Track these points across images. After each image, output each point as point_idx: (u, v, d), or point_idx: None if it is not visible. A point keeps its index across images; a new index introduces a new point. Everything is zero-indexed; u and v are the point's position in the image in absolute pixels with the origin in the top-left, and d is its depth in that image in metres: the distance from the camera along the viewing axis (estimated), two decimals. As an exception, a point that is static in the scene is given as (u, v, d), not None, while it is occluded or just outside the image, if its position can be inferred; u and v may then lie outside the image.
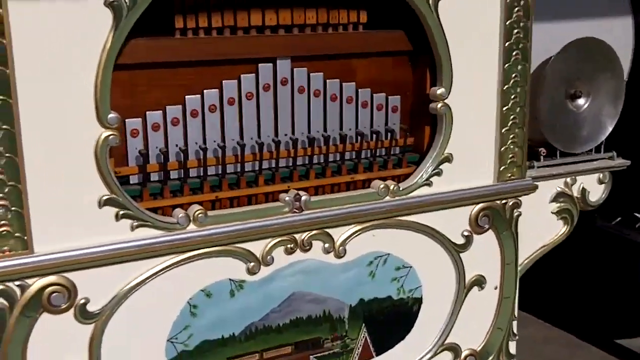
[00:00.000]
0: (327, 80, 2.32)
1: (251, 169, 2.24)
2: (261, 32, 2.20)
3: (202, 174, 2.18)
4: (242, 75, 2.19)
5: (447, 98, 2.38)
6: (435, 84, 2.38)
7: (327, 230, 2.27)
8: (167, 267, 2.06)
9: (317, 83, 2.30)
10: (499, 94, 2.46)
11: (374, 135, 2.39)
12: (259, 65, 2.21)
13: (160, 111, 2.11)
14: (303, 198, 2.23)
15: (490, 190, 2.52)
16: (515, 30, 2.43)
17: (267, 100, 2.24)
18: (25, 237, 1.88)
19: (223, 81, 2.17)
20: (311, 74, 2.29)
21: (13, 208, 1.85)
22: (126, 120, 2.07)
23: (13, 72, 1.79)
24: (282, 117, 2.27)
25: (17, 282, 1.89)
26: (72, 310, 1.97)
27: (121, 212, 1.98)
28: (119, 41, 1.89)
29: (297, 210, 2.22)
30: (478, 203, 2.52)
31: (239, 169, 2.21)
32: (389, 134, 2.41)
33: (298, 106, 2.29)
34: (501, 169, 2.52)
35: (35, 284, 1.91)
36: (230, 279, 2.17)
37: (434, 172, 2.41)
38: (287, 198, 2.21)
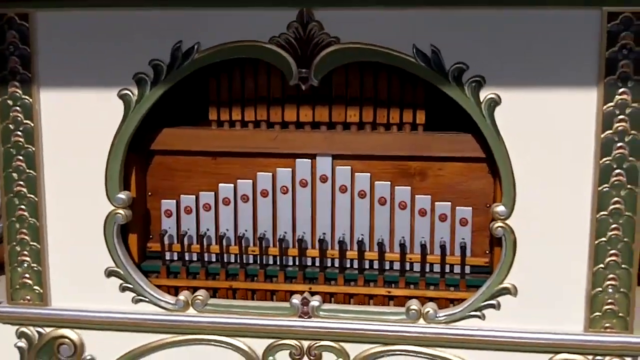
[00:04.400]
0: (376, 182, 2.13)
1: (276, 263, 2.20)
2: (301, 127, 2.15)
3: (225, 261, 2.21)
4: (278, 169, 2.16)
5: (507, 218, 1.98)
6: (512, 198, 2.02)
7: (341, 344, 2.09)
8: (166, 344, 2.15)
9: (362, 184, 2.14)
10: (591, 223, 1.95)
11: (424, 248, 2.11)
12: (297, 160, 2.15)
13: (194, 196, 2.21)
14: (311, 303, 2.09)
15: (574, 340, 2.00)
16: (618, 145, 1.91)
17: (303, 196, 2.16)
18: (42, 291, 2.17)
19: (258, 173, 2.17)
20: (356, 174, 2.14)
21: (33, 265, 2.16)
22: (162, 200, 2.22)
23: (40, 150, 2.11)
24: (319, 215, 2.17)
25: (36, 329, 2.20)
26: (79, 365, 2.21)
27: (124, 285, 2.15)
28: (128, 129, 2.06)
29: (303, 316, 2.09)
30: (557, 352, 2.02)
31: (264, 261, 2.20)
32: (443, 249, 2.10)
33: (339, 206, 2.15)
34: (593, 315, 1.99)
35: (49, 333, 2.19)
36: (231, 372, 2.16)
37: (487, 303, 2.02)
38: (294, 301, 2.10)
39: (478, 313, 2.04)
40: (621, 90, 1.89)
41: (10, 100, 2.09)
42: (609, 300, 1.98)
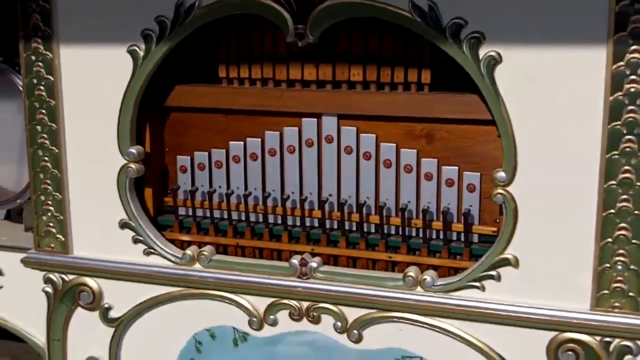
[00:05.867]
0: (381, 144, 2.05)
1: (277, 222, 2.19)
2: (307, 86, 2.10)
3: (234, 218, 2.22)
4: (285, 128, 2.13)
5: (507, 185, 1.85)
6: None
7: (340, 307, 2.05)
8: (175, 297, 2.19)
9: (367, 145, 2.06)
10: (599, 193, 1.79)
11: (427, 214, 2.02)
12: (303, 119, 2.11)
13: (206, 152, 2.22)
14: (310, 264, 2.06)
15: (580, 319, 1.85)
16: (629, 108, 1.73)
17: (310, 156, 2.12)
18: (64, 239, 2.27)
19: (266, 131, 2.15)
20: (361, 135, 2.06)
21: (56, 214, 2.26)
22: (177, 156, 2.25)
23: (60, 104, 2.19)
24: (325, 176, 2.12)
25: (60, 275, 2.30)
26: (98, 312, 2.29)
27: (136, 237, 2.20)
28: (137, 85, 2.10)
29: (302, 276, 2.06)
30: (562, 331, 1.88)
31: (271, 220, 2.19)
32: (447, 216, 2.00)
33: (344, 167, 2.10)
34: (600, 293, 1.83)
35: (72, 280, 2.29)
36: (234, 328, 2.16)
37: (487, 274, 1.91)
38: (293, 261, 2.07)
39: (477, 284, 1.93)
40: (633, 48, 1.70)
41: (34, 55, 2.18)
42: (618, 278, 1.81)
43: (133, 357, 2.30)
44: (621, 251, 1.80)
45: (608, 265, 1.82)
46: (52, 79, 2.18)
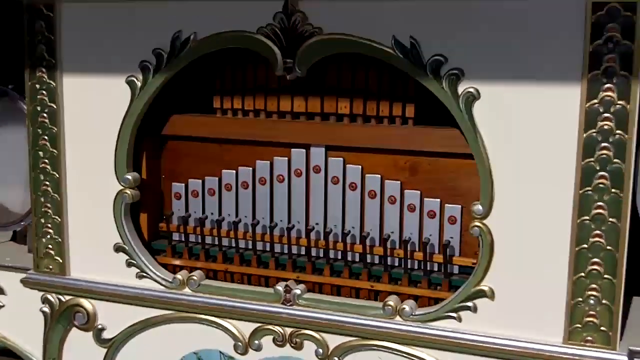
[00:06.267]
0: (366, 175, 2.11)
1: (265, 249, 2.24)
2: (297, 117, 2.17)
3: (224, 244, 2.28)
4: (275, 158, 2.20)
5: (484, 218, 1.89)
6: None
7: (322, 334, 2.09)
8: (164, 319, 2.26)
9: (353, 176, 2.12)
10: (572, 228, 1.82)
11: (408, 244, 2.06)
12: (292, 150, 2.17)
13: (200, 180, 2.29)
14: (293, 291, 2.11)
15: (553, 352, 1.88)
16: (602, 145, 1.77)
17: (298, 185, 2.18)
18: (62, 261, 2.35)
19: (257, 161, 2.22)
20: (348, 166, 2.12)
21: (55, 236, 2.34)
22: (173, 183, 2.32)
23: (62, 131, 2.28)
24: (312, 206, 2.17)
25: (57, 296, 2.38)
26: (92, 332, 2.36)
27: (129, 260, 2.27)
28: (134, 114, 2.18)
29: (286, 303, 2.11)
30: (533, 363, 1.92)
31: (259, 247, 2.24)
32: (428, 246, 2.04)
33: (331, 197, 2.15)
34: (572, 327, 1.86)
35: (68, 301, 2.37)
36: (220, 352, 2.22)
37: (463, 305, 1.95)
38: (278, 287, 2.12)
39: (454, 314, 1.97)
40: (606, 86, 1.75)
41: (38, 84, 2.28)
42: (590, 312, 1.84)
43: (126, 378, 2.37)
44: (593, 285, 1.83)
45: (580, 299, 1.85)
46: (55, 107, 2.27)
